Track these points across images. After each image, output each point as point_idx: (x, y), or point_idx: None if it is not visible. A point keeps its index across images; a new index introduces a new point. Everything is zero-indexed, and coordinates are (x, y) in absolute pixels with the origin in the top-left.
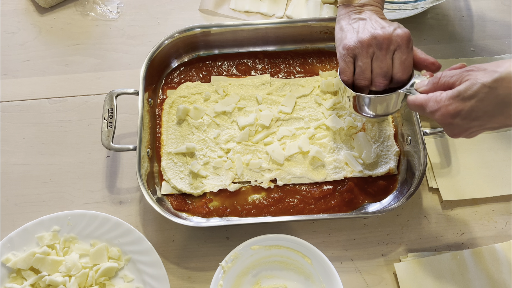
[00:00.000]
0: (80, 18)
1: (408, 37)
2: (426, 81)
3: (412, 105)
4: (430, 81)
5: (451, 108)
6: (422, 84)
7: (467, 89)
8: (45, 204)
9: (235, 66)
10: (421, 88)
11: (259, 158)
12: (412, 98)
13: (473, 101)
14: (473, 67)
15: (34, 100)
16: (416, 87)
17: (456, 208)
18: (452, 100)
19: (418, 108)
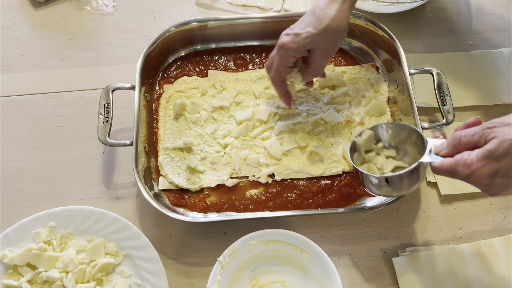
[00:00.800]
0: (76, 12)
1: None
2: (445, 143)
3: (439, 172)
4: (450, 143)
5: (486, 170)
6: (442, 148)
7: (498, 148)
8: (41, 200)
9: (232, 60)
10: (442, 151)
11: (256, 153)
12: (437, 165)
13: (508, 158)
14: (493, 123)
15: (30, 95)
16: (436, 152)
17: (454, 202)
18: (485, 161)
19: (446, 174)
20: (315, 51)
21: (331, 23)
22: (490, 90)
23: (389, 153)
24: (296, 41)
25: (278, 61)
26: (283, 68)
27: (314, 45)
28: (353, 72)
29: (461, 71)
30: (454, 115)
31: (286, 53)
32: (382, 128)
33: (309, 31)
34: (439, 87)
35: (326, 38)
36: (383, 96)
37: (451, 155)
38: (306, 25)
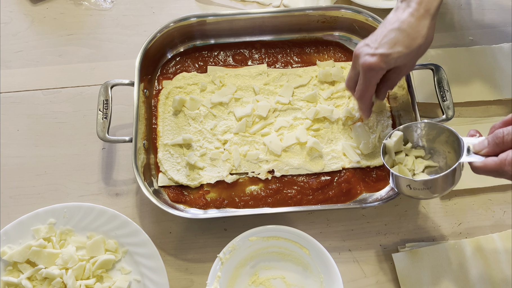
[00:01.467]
0: (73, 8)
1: (368, 68)
2: (485, 142)
3: (482, 172)
4: (491, 142)
5: None
6: (482, 146)
7: None
8: (41, 197)
9: (231, 56)
10: (483, 151)
11: (256, 149)
12: (479, 164)
13: None
14: None
15: (28, 92)
16: (476, 151)
17: (454, 197)
18: None
19: (491, 173)
20: (401, 67)
21: (424, 42)
22: (490, 85)
23: (418, 153)
24: (386, 62)
25: (367, 82)
26: (372, 87)
27: (402, 63)
28: None
29: (461, 67)
30: (454, 111)
31: (376, 74)
32: (411, 128)
33: (400, 51)
34: (439, 83)
35: (417, 55)
36: None
37: (493, 153)
38: (395, 43)
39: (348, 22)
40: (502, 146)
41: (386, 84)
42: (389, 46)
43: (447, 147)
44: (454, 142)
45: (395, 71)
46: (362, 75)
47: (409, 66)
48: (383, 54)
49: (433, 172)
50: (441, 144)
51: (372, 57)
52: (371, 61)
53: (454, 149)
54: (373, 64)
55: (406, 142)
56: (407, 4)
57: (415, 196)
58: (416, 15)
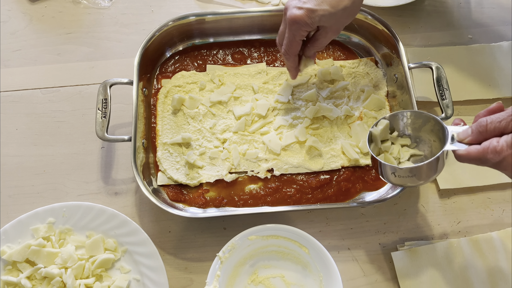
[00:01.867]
0: (72, 6)
1: (293, 20)
2: (468, 130)
3: (465, 160)
4: (475, 130)
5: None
6: (466, 135)
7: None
8: (40, 196)
9: (230, 55)
10: (467, 139)
11: (255, 148)
12: (462, 152)
13: None
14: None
15: (27, 91)
16: (460, 139)
17: (453, 196)
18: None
19: (473, 161)
20: (326, 28)
21: (350, 5)
22: (489, 84)
23: (403, 141)
24: (311, 17)
25: (291, 36)
26: (296, 42)
27: (328, 23)
28: (352, 67)
29: (460, 65)
30: (453, 110)
31: (300, 28)
32: (397, 116)
33: (325, 9)
34: (438, 82)
35: (342, 17)
36: (382, 90)
37: (476, 142)
38: (322, 1)
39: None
40: (485, 134)
41: (314, 44)
42: (317, 3)
43: (432, 136)
44: (439, 131)
45: (322, 32)
46: (288, 28)
47: (335, 29)
48: (309, 9)
49: (418, 160)
50: (427, 132)
51: (298, 10)
52: (296, 13)
53: (439, 138)
54: (297, 17)
55: (392, 131)
56: None
57: (401, 183)
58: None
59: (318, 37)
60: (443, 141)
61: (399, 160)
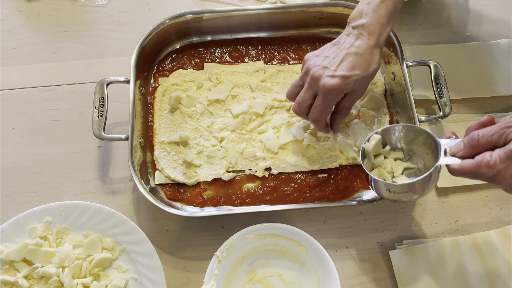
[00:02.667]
0: (68, 4)
1: (329, 89)
2: (461, 144)
3: (459, 174)
4: (467, 144)
5: (510, 170)
6: (458, 149)
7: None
8: (37, 195)
9: (228, 53)
10: (459, 153)
11: (253, 147)
12: (456, 167)
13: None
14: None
15: (23, 89)
16: (452, 153)
17: (451, 194)
18: (509, 161)
19: (467, 175)
20: (356, 91)
21: (376, 68)
22: (488, 82)
23: (396, 155)
24: (346, 84)
25: (326, 104)
26: (330, 110)
27: (358, 87)
28: None
29: (458, 63)
30: (451, 108)
31: (337, 96)
32: (389, 131)
33: (358, 74)
34: (436, 80)
35: (370, 79)
36: (380, 88)
37: (469, 155)
38: (354, 67)
39: (345, 19)
40: (477, 148)
41: (341, 113)
42: (349, 69)
43: (425, 148)
44: (431, 144)
45: (350, 97)
46: (322, 97)
47: (362, 91)
48: (343, 76)
49: (412, 173)
50: (419, 145)
51: (333, 78)
52: (332, 83)
53: (431, 150)
54: (335, 86)
55: (384, 145)
56: (359, 33)
57: (396, 198)
58: (370, 44)
59: (345, 104)
60: (436, 154)
61: (393, 174)
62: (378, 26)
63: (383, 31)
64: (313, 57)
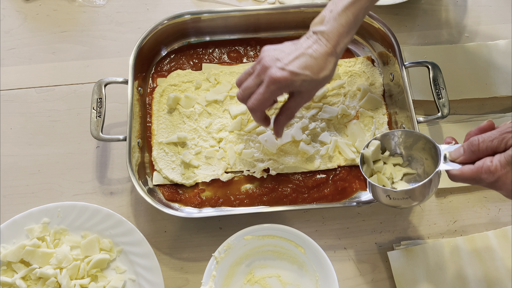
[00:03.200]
0: (67, 4)
1: (274, 80)
2: (461, 149)
3: (459, 179)
4: (467, 149)
5: (510, 175)
6: (458, 154)
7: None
8: (34, 196)
9: (226, 53)
10: (459, 158)
11: (251, 147)
12: (456, 172)
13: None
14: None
15: (21, 90)
16: (452, 158)
17: (449, 195)
18: (509, 167)
19: (468, 181)
20: (303, 93)
21: (328, 76)
22: (486, 83)
23: (395, 161)
24: (293, 80)
25: (267, 94)
26: (269, 102)
27: (305, 88)
28: (348, 65)
29: (457, 64)
30: (449, 109)
31: (279, 89)
32: (388, 136)
33: (308, 75)
34: (435, 81)
35: (319, 85)
36: (379, 89)
37: (469, 161)
38: (305, 67)
39: None
40: (477, 153)
41: (285, 114)
42: (300, 67)
43: (424, 154)
44: (431, 149)
45: (295, 99)
46: (265, 86)
47: (309, 95)
48: (293, 72)
49: (411, 179)
50: (418, 150)
51: (282, 71)
52: (280, 74)
53: (431, 155)
54: (281, 78)
55: (383, 150)
56: (318, 38)
57: (395, 205)
58: (326, 50)
59: (290, 105)
60: (435, 159)
61: (392, 179)
62: (337, 36)
63: (341, 40)
64: (270, 50)
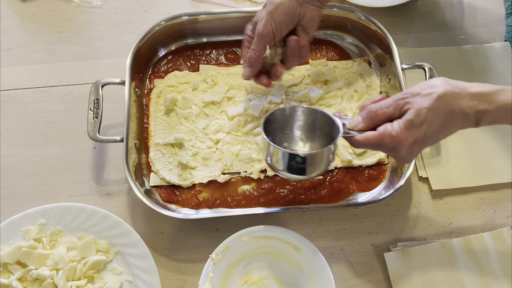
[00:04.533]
0: (63, 5)
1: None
2: (359, 118)
3: (363, 145)
4: (366, 116)
5: (409, 139)
6: (357, 122)
7: (417, 117)
8: (31, 197)
9: (223, 54)
10: (358, 126)
11: (249, 149)
12: (360, 138)
13: (425, 126)
14: (403, 94)
15: (17, 90)
16: (351, 127)
17: (445, 197)
18: (407, 131)
19: (371, 146)
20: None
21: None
22: None
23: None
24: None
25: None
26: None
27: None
28: (345, 67)
29: (453, 66)
30: None
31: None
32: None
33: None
34: None
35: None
36: (375, 91)
37: (367, 128)
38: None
39: (340, 21)
40: (375, 119)
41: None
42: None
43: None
44: (325, 125)
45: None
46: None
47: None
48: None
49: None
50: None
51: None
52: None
53: (325, 133)
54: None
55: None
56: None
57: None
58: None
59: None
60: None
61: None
62: None
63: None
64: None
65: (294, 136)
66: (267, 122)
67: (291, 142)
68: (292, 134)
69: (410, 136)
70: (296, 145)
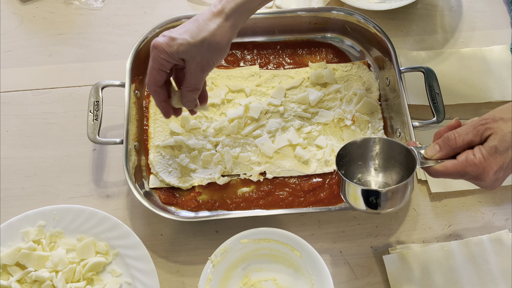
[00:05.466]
0: (64, 7)
1: (153, 46)
2: (436, 147)
3: (442, 174)
4: (444, 145)
5: (494, 166)
6: (434, 151)
7: (502, 142)
8: (30, 198)
9: None
10: (436, 155)
11: (248, 151)
12: (440, 168)
13: (510, 151)
14: (483, 120)
15: (17, 92)
16: (428, 156)
17: (444, 199)
18: (492, 158)
19: (450, 176)
20: (189, 62)
21: (209, 37)
22: (481, 88)
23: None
24: (170, 45)
25: (151, 63)
26: (156, 72)
27: (189, 55)
28: (344, 70)
29: (452, 69)
30: (444, 114)
31: (158, 55)
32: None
33: (185, 39)
34: (430, 86)
35: (203, 51)
36: (375, 94)
37: (445, 157)
38: (185, 31)
39: (340, 24)
40: (455, 147)
41: (185, 83)
42: (179, 32)
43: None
44: (399, 155)
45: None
46: (151, 56)
47: (198, 62)
48: (170, 37)
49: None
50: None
51: (161, 37)
52: (157, 40)
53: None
54: (158, 43)
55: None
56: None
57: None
58: (212, 11)
59: (185, 73)
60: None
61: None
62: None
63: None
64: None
65: (367, 166)
66: (339, 157)
67: (364, 173)
68: (365, 165)
69: (495, 163)
70: (370, 175)
